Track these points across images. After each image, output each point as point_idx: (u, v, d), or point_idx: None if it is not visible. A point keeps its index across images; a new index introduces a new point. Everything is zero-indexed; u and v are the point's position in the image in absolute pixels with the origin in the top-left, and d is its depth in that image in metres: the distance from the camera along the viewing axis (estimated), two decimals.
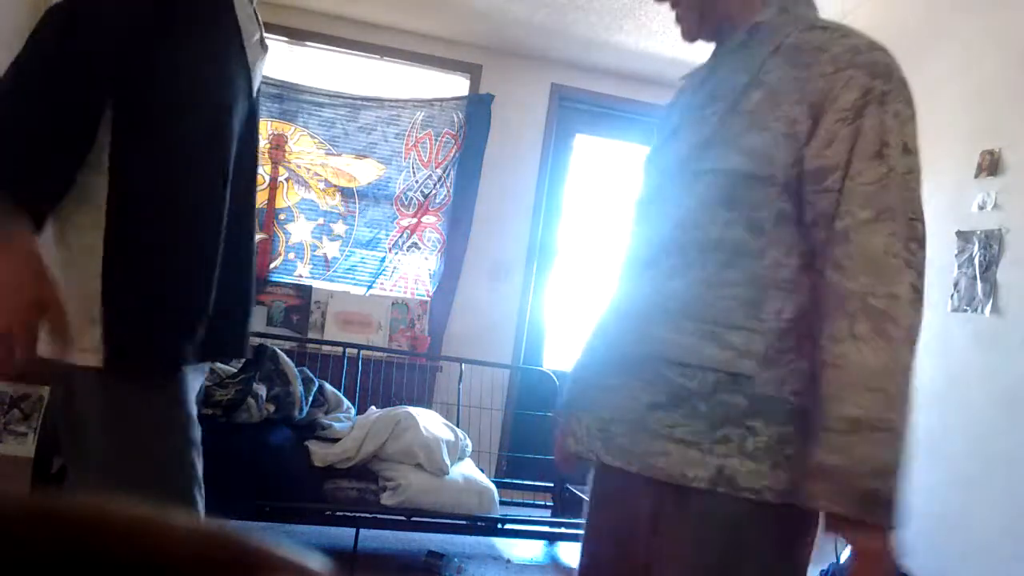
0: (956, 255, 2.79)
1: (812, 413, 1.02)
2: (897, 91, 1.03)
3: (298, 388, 2.97)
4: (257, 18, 1.30)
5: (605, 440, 1.11)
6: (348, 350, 3.56)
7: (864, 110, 1.01)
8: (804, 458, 1.01)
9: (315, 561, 0.27)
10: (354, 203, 4.16)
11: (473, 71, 4.34)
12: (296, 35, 4.14)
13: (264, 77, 4.89)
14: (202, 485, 1.22)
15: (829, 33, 1.06)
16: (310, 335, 3.86)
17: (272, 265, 4.05)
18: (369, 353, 3.66)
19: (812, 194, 1.04)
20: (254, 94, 1.31)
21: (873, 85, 1.01)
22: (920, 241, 1.01)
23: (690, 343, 1.06)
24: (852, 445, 0.96)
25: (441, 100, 4.25)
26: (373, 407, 3.39)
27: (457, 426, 3.29)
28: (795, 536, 1.07)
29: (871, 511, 0.95)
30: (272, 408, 2.86)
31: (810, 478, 1.00)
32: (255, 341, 3.31)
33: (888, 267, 0.98)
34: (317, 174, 4.12)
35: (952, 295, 2.80)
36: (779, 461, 1.03)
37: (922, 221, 1.02)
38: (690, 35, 1.22)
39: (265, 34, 1.37)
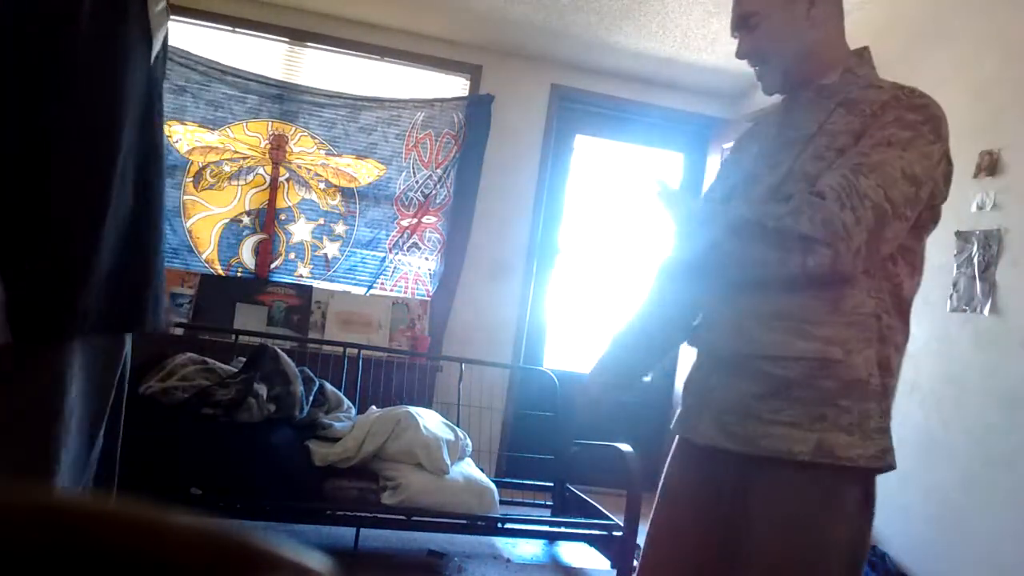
0: (955, 255, 2.79)
1: (889, 391, 1.24)
2: (924, 120, 1.22)
3: (299, 388, 2.97)
4: None
5: (720, 429, 1.31)
6: (348, 350, 3.56)
7: (884, 112, 1.23)
8: (885, 431, 1.23)
9: (315, 561, 0.28)
10: (354, 203, 4.17)
11: (473, 72, 4.34)
12: (296, 35, 4.15)
13: (264, 77, 4.79)
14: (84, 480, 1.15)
15: (883, 92, 1.28)
16: (311, 335, 3.86)
17: (273, 265, 4.05)
18: (369, 353, 3.66)
19: None
20: (152, 61, 1.25)
21: (903, 114, 1.23)
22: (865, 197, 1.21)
23: (782, 339, 1.25)
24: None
25: (441, 100, 4.25)
26: (373, 407, 3.39)
27: (457, 426, 3.29)
28: (869, 495, 1.26)
29: None
30: (273, 407, 2.86)
31: None
32: (255, 341, 3.31)
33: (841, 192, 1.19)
34: (318, 174, 4.12)
35: (951, 295, 2.80)
36: (866, 433, 1.21)
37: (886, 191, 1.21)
38: (771, 91, 1.41)
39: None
